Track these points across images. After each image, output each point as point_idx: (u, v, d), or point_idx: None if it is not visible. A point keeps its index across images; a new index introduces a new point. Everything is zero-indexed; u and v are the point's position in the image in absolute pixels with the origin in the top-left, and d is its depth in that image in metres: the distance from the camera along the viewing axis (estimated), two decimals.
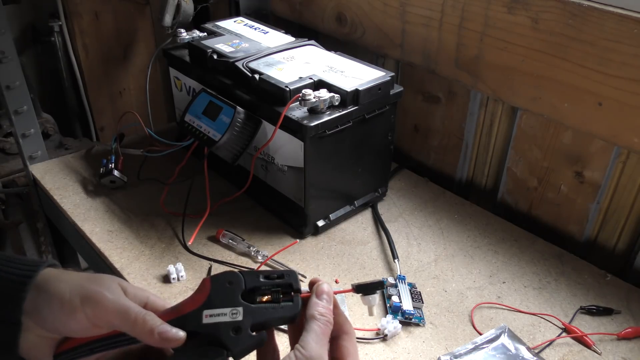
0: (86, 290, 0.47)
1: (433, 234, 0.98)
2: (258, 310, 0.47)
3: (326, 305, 0.47)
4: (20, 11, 1.37)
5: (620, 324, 0.81)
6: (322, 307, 0.47)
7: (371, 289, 0.51)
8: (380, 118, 0.94)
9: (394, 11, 1.08)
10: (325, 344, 0.45)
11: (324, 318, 0.46)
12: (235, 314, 0.47)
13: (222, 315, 0.47)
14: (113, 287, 0.48)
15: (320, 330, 0.45)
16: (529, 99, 0.93)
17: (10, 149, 1.32)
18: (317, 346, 0.44)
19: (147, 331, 0.45)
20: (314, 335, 0.44)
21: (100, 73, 1.48)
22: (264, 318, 0.47)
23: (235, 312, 0.47)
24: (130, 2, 1.46)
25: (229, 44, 1.04)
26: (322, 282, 0.48)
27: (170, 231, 0.95)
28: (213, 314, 0.47)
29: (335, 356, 0.47)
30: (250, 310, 0.47)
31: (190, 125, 0.96)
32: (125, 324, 0.46)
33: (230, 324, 0.46)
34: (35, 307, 0.46)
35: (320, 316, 0.46)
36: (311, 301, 0.47)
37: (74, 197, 1.03)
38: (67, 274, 0.49)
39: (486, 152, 1.08)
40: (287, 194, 0.96)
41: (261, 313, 0.47)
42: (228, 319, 0.47)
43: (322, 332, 0.45)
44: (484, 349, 0.75)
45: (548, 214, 1.01)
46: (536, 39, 0.88)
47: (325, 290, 0.48)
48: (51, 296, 0.46)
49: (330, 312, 0.47)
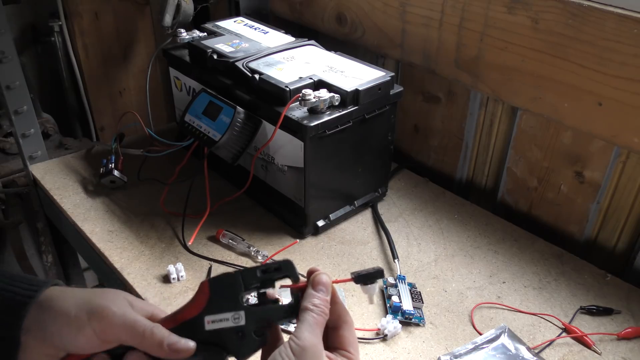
0: (92, 306, 0.46)
1: (433, 234, 0.98)
2: (259, 312, 0.47)
3: (322, 296, 0.47)
4: (20, 11, 1.37)
5: (620, 324, 0.81)
6: (318, 298, 0.47)
7: (371, 279, 0.50)
8: (380, 118, 0.94)
9: (394, 11, 1.08)
10: (319, 334, 0.45)
11: (317, 309, 0.46)
12: (238, 319, 0.46)
13: (224, 320, 0.46)
14: (119, 301, 0.48)
15: (314, 320, 0.45)
16: (529, 99, 0.93)
17: (10, 149, 1.32)
18: (311, 336, 0.44)
19: (156, 344, 0.45)
20: (307, 326, 0.45)
21: (100, 73, 1.49)
22: (266, 319, 0.47)
23: (237, 317, 0.46)
24: (130, 2, 1.46)
25: (229, 44, 1.04)
26: (319, 273, 0.48)
27: (170, 231, 0.95)
28: (215, 319, 0.46)
29: (335, 346, 0.48)
30: (252, 312, 0.47)
31: (190, 125, 0.97)
32: (133, 337, 0.45)
33: (234, 329, 0.46)
34: (39, 325, 0.46)
35: (314, 307, 0.46)
36: (307, 292, 0.47)
37: (74, 197, 1.03)
38: (71, 291, 0.48)
39: (486, 152, 1.08)
40: (287, 194, 0.96)
41: (263, 315, 0.47)
42: (231, 324, 0.46)
43: (315, 323, 0.45)
44: (484, 349, 0.75)
45: (548, 214, 1.01)
46: (536, 39, 0.88)
47: (322, 281, 0.48)
48: (57, 313, 0.46)
49: (326, 303, 0.47)
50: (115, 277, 0.88)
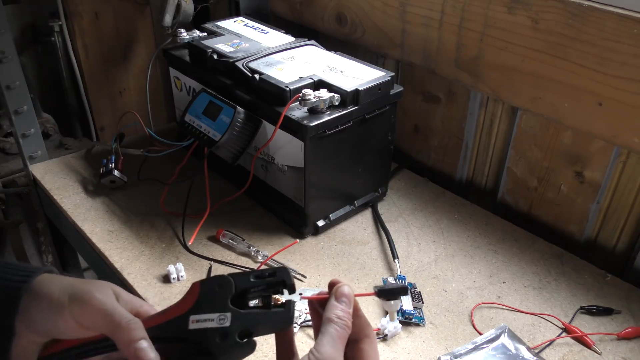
0: (75, 290, 0.46)
1: (433, 234, 0.98)
2: (247, 316, 0.45)
3: (345, 308, 0.45)
4: (20, 11, 1.37)
5: (620, 324, 0.81)
6: (341, 310, 0.44)
7: (395, 295, 0.49)
8: (380, 118, 0.94)
9: (394, 11, 1.08)
10: (340, 348, 0.43)
11: (341, 322, 0.44)
12: (223, 320, 0.45)
13: (208, 320, 0.45)
14: (104, 289, 0.47)
15: (337, 333, 0.43)
16: (529, 99, 0.93)
17: (10, 149, 1.32)
18: (333, 350, 0.42)
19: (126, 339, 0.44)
20: (329, 339, 0.43)
21: (100, 73, 1.49)
22: (253, 324, 0.45)
23: (223, 318, 0.45)
24: (130, 2, 1.47)
25: (229, 44, 1.04)
26: (342, 285, 0.46)
27: (170, 231, 0.95)
28: (200, 319, 0.45)
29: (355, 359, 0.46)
30: (239, 316, 0.45)
31: (190, 125, 0.97)
32: (108, 325, 0.44)
33: (217, 330, 0.45)
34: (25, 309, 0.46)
35: (337, 319, 0.43)
36: (330, 303, 0.45)
37: (74, 197, 1.03)
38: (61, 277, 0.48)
39: (486, 152, 1.08)
40: (287, 194, 0.96)
41: (251, 319, 0.45)
42: (215, 324, 0.45)
43: (338, 336, 0.43)
44: (484, 349, 0.75)
45: (548, 214, 1.01)
46: (536, 39, 0.88)
47: (345, 293, 0.45)
48: (40, 297, 0.46)
49: (349, 315, 0.45)
50: (115, 277, 0.88)
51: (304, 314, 0.77)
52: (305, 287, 0.85)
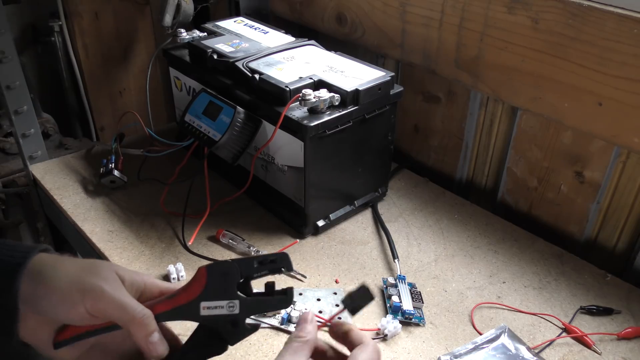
0: (85, 285, 0.48)
1: (433, 234, 0.98)
2: (253, 303, 0.50)
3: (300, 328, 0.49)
4: (20, 11, 1.37)
5: (620, 324, 0.81)
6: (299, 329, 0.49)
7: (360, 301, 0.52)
8: (380, 118, 0.94)
9: (394, 11, 1.08)
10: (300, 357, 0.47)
11: (298, 338, 0.49)
12: (232, 307, 0.49)
13: (219, 307, 0.49)
14: (111, 278, 0.50)
15: (292, 348, 0.48)
16: (529, 99, 0.93)
17: (10, 149, 1.32)
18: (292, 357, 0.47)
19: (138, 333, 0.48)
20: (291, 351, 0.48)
21: (100, 73, 1.49)
22: (258, 311, 0.51)
23: (232, 305, 0.49)
24: (130, 2, 1.47)
25: (229, 44, 1.04)
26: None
27: (170, 231, 0.95)
28: (210, 306, 0.49)
29: None
30: (247, 303, 0.49)
31: (190, 125, 0.97)
32: (121, 318, 0.48)
33: (228, 317, 0.49)
34: (33, 299, 0.48)
35: (294, 337, 0.49)
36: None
37: (74, 197, 1.03)
38: (61, 261, 0.50)
39: (486, 152, 1.08)
40: (287, 194, 0.96)
41: (256, 306, 0.50)
42: (225, 311, 0.49)
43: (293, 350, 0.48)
44: (484, 349, 0.75)
45: (548, 214, 1.01)
46: (536, 39, 0.88)
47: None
48: (49, 289, 0.48)
49: (306, 332, 0.49)
50: None
51: None
52: (305, 287, 0.85)
